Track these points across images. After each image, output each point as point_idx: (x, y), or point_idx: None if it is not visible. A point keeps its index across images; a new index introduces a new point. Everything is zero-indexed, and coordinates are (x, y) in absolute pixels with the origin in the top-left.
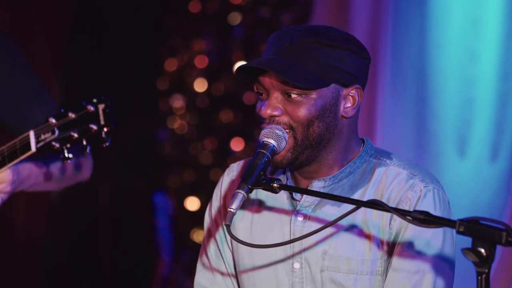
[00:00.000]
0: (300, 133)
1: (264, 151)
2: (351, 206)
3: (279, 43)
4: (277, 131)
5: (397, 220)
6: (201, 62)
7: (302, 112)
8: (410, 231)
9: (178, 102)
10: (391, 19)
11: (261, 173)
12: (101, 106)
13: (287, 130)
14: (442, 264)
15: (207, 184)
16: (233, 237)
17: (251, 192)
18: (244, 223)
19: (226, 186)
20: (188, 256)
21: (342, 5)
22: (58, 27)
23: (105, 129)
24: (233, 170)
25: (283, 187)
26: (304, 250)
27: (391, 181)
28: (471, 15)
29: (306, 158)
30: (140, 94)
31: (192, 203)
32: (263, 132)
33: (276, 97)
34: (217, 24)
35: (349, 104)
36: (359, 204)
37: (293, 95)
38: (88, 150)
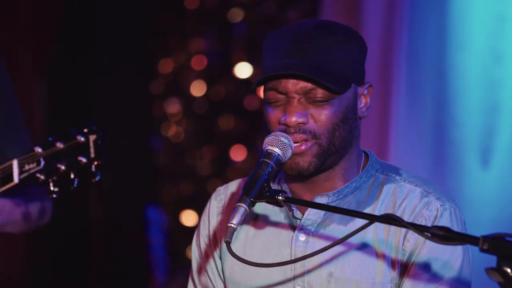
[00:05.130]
0: (325, 140)
1: (268, 161)
2: (359, 224)
3: (294, 43)
4: (282, 139)
5: (411, 240)
6: (199, 63)
7: (328, 116)
8: (426, 252)
9: (173, 107)
10: (407, 16)
11: (265, 184)
12: (92, 137)
13: (312, 140)
14: (460, 287)
15: (205, 196)
16: (233, 255)
17: (253, 205)
18: (238, 243)
19: (215, 212)
20: (184, 275)
21: (353, 1)
22: (43, 25)
23: (95, 163)
24: (221, 194)
25: (289, 200)
26: (307, 272)
27: (403, 199)
28: (495, 12)
29: (329, 164)
30: (132, 98)
31: (188, 218)
32: (267, 139)
33: (300, 101)
34: (217, 22)
35: (363, 104)
36: (373, 219)
37: (318, 99)
38: (75, 185)
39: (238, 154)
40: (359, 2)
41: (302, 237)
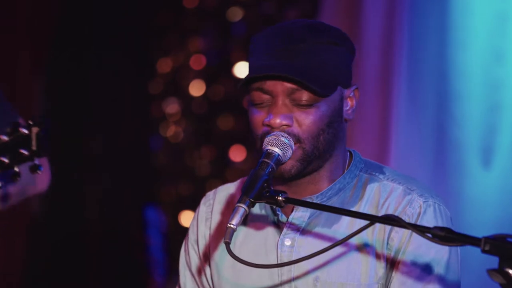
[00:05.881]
0: (309, 144)
1: (268, 161)
2: (344, 226)
3: (278, 45)
4: (283, 139)
5: (395, 239)
6: (197, 62)
7: (314, 120)
8: (412, 249)
9: (172, 107)
10: (407, 16)
11: (265, 185)
12: (35, 130)
13: (296, 144)
14: (448, 283)
15: None
16: (233, 255)
17: (253, 206)
18: (224, 249)
19: (204, 217)
20: None
21: (354, 0)
22: (41, 24)
23: (37, 156)
24: (210, 199)
25: (289, 200)
26: (294, 276)
27: (386, 198)
28: (496, 11)
29: (313, 168)
30: (130, 98)
31: (187, 219)
32: (267, 139)
33: (285, 103)
34: (216, 21)
35: (348, 106)
36: (373, 219)
37: (303, 102)
38: (19, 178)
39: (237, 154)
40: (360, 2)
41: (287, 242)
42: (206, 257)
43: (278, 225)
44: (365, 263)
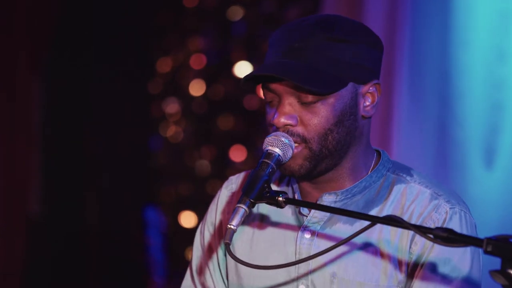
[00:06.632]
0: (316, 144)
1: (268, 161)
2: (365, 224)
3: (287, 42)
4: (283, 139)
5: (419, 243)
6: (197, 62)
7: (320, 120)
8: (435, 255)
9: (172, 107)
10: (409, 14)
11: (265, 185)
12: None
13: (302, 143)
14: None
15: (204, 197)
16: (233, 257)
17: (253, 206)
18: (243, 240)
19: (224, 201)
20: (183, 278)
21: None
22: (40, 24)
23: None
24: (232, 183)
25: (289, 201)
26: (311, 271)
27: (412, 200)
28: (499, 9)
29: (325, 166)
30: (130, 98)
31: (187, 219)
32: (267, 140)
33: (290, 103)
34: (216, 20)
35: (368, 102)
36: (374, 220)
37: (309, 100)
38: None
39: (237, 154)
40: (361, 1)
41: (307, 235)
42: (221, 241)
43: (299, 217)
44: (385, 264)
